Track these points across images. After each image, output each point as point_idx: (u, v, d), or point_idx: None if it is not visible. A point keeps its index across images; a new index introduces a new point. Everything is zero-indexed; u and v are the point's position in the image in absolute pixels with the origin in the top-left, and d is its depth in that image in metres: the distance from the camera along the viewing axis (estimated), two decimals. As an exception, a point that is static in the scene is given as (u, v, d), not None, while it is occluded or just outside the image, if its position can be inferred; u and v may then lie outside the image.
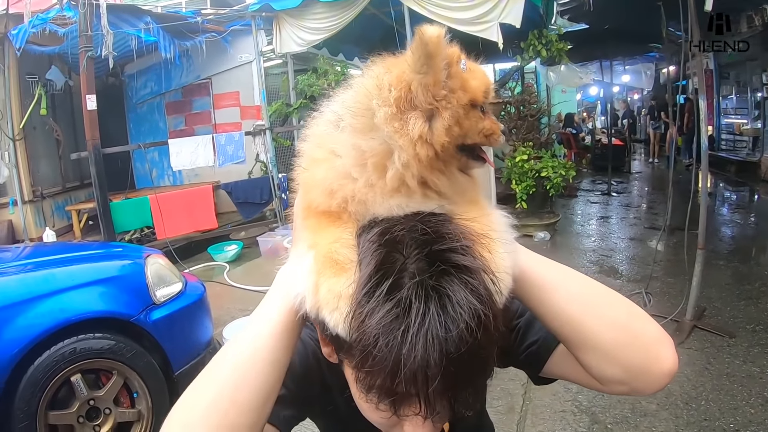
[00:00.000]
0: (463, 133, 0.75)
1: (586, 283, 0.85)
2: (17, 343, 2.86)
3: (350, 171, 0.77)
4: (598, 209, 9.63)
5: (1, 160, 8.80)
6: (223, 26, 9.06)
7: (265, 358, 0.75)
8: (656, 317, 4.42)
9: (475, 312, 0.66)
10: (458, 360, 0.65)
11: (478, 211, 0.81)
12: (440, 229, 0.73)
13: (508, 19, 6.23)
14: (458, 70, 0.74)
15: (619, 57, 12.67)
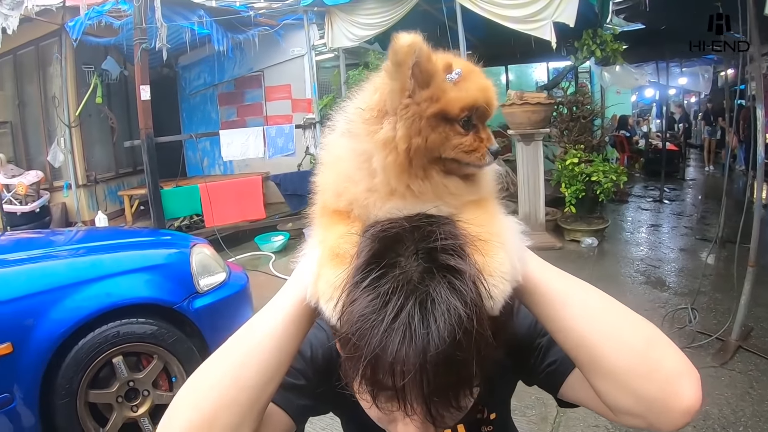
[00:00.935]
0: (431, 146, 0.74)
1: (604, 302, 0.80)
2: (63, 324, 2.95)
3: (352, 174, 0.80)
4: (648, 216, 9.32)
5: (57, 145, 9.15)
6: (276, 20, 9.18)
7: (272, 343, 0.79)
8: (700, 335, 4.36)
9: (456, 313, 0.66)
10: (435, 359, 0.65)
11: (485, 216, 0.80)
12: (435, 230, 0.74)
13: (561, 18, 6.09)
14: (439, 79, 0.73)
15: (675, 59, 12.29)
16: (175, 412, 0.76)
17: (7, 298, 2.86)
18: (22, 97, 10.06)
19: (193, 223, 8.78)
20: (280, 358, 0.79)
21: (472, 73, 0.77)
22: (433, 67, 0.73)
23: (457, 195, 0.79)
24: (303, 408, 0.98)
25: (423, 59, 0.71)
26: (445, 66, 0.74)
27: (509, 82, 13.63)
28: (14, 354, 2.76)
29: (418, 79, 0.72)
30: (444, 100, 0.73)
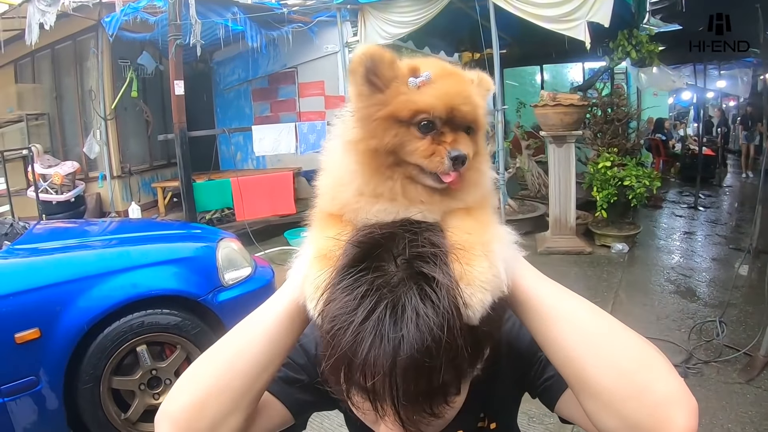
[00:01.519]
0: (389, 147, 0.76)
1: (597, 319, 0.77)
2: (90, 312, 3.03)
3: (343, 178, 0.83)
4: (682, 223, 9.11)
5: (93, 137, 9.36)
6: (309, 17, 9.23)
7: (265, 336, 0.82)
8: (728, 348, 4.24)
9: (425, 321, 0.67)
10: (403, 364, 0.66)
11: (472, 224, 0.79)
12: (415, 237, 0.75)
13: (596, 18, 5.98)
14: (397, 84, 0.76)
15: (714, 61, 11.99)
16: (174, 395, 0.80)
17: (37, 286, 2.95)
18: (59, 90, 10.34)
19: (225, 216, 8.93)
20: (273, 351, 0.82)
21: (444, 77, 0.77)
22: (394, 73, 0.75)
23: (428, 201, 0.79)
24: (303, 402, 1.00)
25: (382, 65, 0.75)
26: (409, 70, 0.76)
27: (544, 82, 13.51)
28: (42, 339, 2.84)
29: (376, 84, 0.75)
30: (394, 103, 0.75)
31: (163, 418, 0.79)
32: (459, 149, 0.75)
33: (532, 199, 9.06)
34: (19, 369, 2.82)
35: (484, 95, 0.84)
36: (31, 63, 10.47)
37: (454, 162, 0.75)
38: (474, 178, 0.82)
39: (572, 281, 6.05)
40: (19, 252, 3.29)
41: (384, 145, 0.76)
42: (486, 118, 0.83)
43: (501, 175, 7.47)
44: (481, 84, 0.84)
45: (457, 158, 0.75)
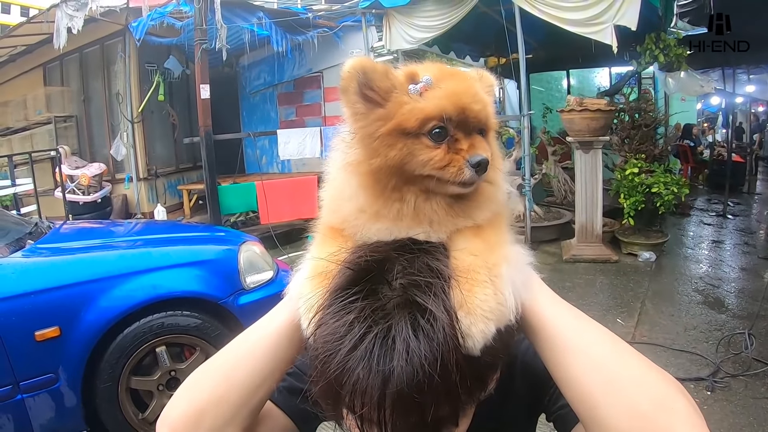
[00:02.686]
0: (394, 164, 0.71)
1: (616, 353, 0.70)
2: (110, 312, 3.05)
3: (343, 192, 0.79)
4: (710, 232, 8.93)
5: (120, 139, 9.52)
6: (335, 22, 9.28)
7: (263, 350, 0.80)
8: (756, 362, 4.11)
9: (417, 354, 0.63)
10: (392, 397, 0.63)
11: (479, 245, 0.73)
12: (413, 261, 0.71)
13: (623, 21, 5.90)
14: (397, 94, 0.71)
15: (742, 65, 11.79)
16: (174, 402, 0.80)
17: (58, 285, 2.98)
18: (87, 93, 10.55)
19: (249, 219, 9.00)
20: (271, 365, 0.80)
21: (445, 78, 0.73)
22: (390, 83, 0.71)
23: (438, 221, 0.75)
24: (308, 413, 0.96)
25: (376, 77, 0.70)
26: (408, 77, 0.72)
27: (570, 87, 13.40)
28: (62, 337, 2.86)
29: (373, 99, 0.71)
30: (398, 115, 0.70)
31: (162, 424, 0.79)
32: (479, 153, 0.71)
33: (558, 205, 8.97)
34: (39, 366, 2.84)
35: (488, 93, 0.79)
36: (59, 66, 10.71)
37: (477, 168, 0.71)
38: (487, 192, 0.78)
39: (598, 290, 6.00)
40: (42, 251, 3.33)
41: (389, 163, 0.71)
42: (495, 119, 0.79)
43: (527, 181, 7.42)
44: (482, 81, 0.80)
45: (479, 164, 0.70)
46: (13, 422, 2.83)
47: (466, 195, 0.75)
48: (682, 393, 0.68)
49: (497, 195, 0.79)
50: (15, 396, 2.79)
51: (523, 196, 7.67)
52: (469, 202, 0.76)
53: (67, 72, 10.73)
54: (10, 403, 2.79)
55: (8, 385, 2.78)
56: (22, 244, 3.31)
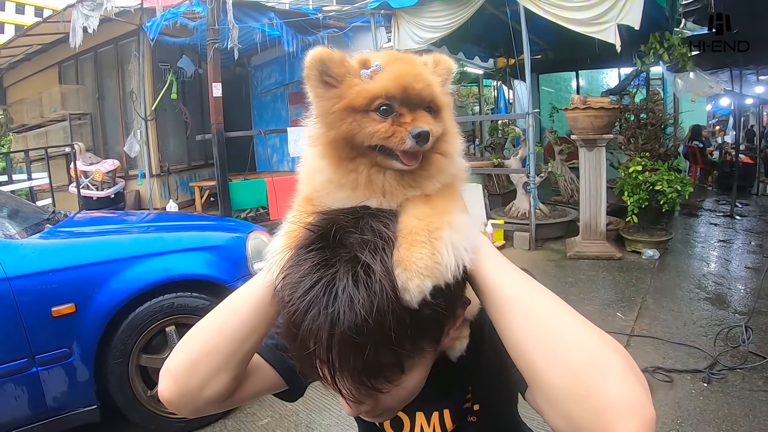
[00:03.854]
0: (346, 135, 0.80)
1: (555, 314, 0.74)
2: (123, 292, 3.18)
3: (313, 166, 0.89)
4: (717, 232, 8.88)
5: (134, 137, 9.67)
6: (344, 23, 9.36)
7: (249, 305, 0.89)
8: (753, 355, 4.18)
9: (357, 302, 0.71)
10: (337, 339, 0.72)
11: (426, 211, 0.81)
12: (360, 224, 0.79)
13: (626, 20, 5.96)
14: (350, 78, 0.80)
15: (750, 65, 11.73)
16: (174, 353, 0.91)
17: (75, 264, 3.10)
18: (101, 91, 10.74)
19: (259, 215, 9.14)
20: (257, 318, 0.89)
21: (392, 63, 0.81)
22: (345, 69, 0.80)
23: (390, 190, 0.82)
24: (294, 369, 1.05)
25: (333, 65, 0.80)
26: (360, 64, 0.81)
27: (579, 87, 13.43)
28: (76, 314, 2.99)
29: (330, 83, 0.80)
30: (348, 95, 0.79)
31: (164, 372, 0.90)
32: (420, 126, 0.78)
33: (564, 204, 9.00)
34: (54, 341, 2.97)
35: (443, 75, 0.88)
36: (74, 65, 10.92)
37: (417, 139, 0.77)
38: (438, 163, 0.84)
39: (600, 286, 6.06)
40: (59, 233, 3.46)
41: (341, 135, 0.80)
42: (447, 98, 0.86)
43: (531, 179, 7.48)
44: (439, 65, 0.88)
45: (419, 135, 0.77)
46: (27, 394, 2.94)
47: (420, 167, 0.82)
48: (617, 352, 0.70)
49: (449, 166, 0.86)
50: (30, 369, 2.91)
51: (528, 194, 7.74)
52: (420, 173, 0.82)
53: (82, 70, 10.94)
54: (26, 376, 2.91)
55: (24, 358, 2.90)
56: (41, 227, 3.45)
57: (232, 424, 3.61)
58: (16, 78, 12.10)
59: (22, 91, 11.96)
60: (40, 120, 11.00)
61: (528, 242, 7.51)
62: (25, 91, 11.74)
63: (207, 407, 0.91)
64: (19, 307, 2.84)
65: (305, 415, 3.68)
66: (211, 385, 0.88)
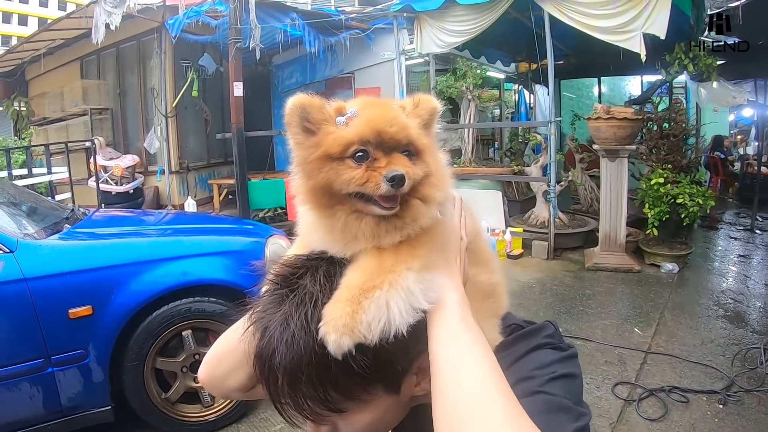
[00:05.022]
0: (323, 184, 0.79)
1: (475, 407, 0.70)
2: (140, 295, 3.19)
3: (301, 208, 0.91)
4: (737, 246, 8.76)
5: (154, 133, 9.72)
6: (367, 24, 9.38)
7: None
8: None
9: (293, 341, 0.77)
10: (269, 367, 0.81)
11: (372, 264, 0.80)
12: (317, 274, 0.83)
13: (652, 29, 5.90)
14: (326, 125, 0.80)
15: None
16: (212, 346, 1.04)
17: (93, 267, 3.13)
18: (122, 87, 10.82)
19: (277, 215, 9.13)
20: None
21: (368, 108, 0.81)
22: (322, 116, 0.80)
23: (363, 237, 0.81)
24: None
25: (312, 111, 0.80)
26: (336, 111, 0.81)
27: (601, 94, 13.33)
28: (93, 316, 3.01)
29: (310, 129, 0.80)
30: (325, 143, 0.78)
31: (204, 360, 1.03)
32: (395, 169, 0.76)
33: (584, 213, 8.93)
34: (70, 342, 2.99)
35: (423, 116, 0.85)
36: (96, 60, 11.02)
37: (392, 183, 0.75)
38: (413, 211, 0.81)
39: (618, 299, 6.00)
40: (78, 234, 3.48)
41: (319, 183, 0.79)
42: (428, 139, 0.84)
43: (552, 188, 7.42)
44: (419, 105, 0.86)
45: (393, 178, 0.75)
46: (43, 394, 2.97)
47: (396, 214, 0.80)
48: None
49: (425, 213, 0.82)
50: (46, 369, 2.94)
51: (548, 203, 7.68)
52: (395, 221, 0.80)
53: (104, 66, 11.02)
54: (41, 375, 2.93)
55: (40, 358, 2.92)
56: (60, 227, 3.46)
57: (245, 428, 3.61)
58: (38, 71, 12.21)
59: (43, 84, 12.08)
60: (61, 114, 11.12)
61: (546, 252, 7.45)
62: (47, 84, 11.87)
63: (232, 394, 1.03)
64: (37, 308, 2.86)
65: (319, 423, 3.65)
66: (233, 378, 0.98)
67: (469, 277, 0.91)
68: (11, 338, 2.89)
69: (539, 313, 5.52)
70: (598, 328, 5.13)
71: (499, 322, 0.97)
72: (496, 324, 0.95)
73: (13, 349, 2.89)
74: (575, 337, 4.87)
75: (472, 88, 9.08)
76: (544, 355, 0.88)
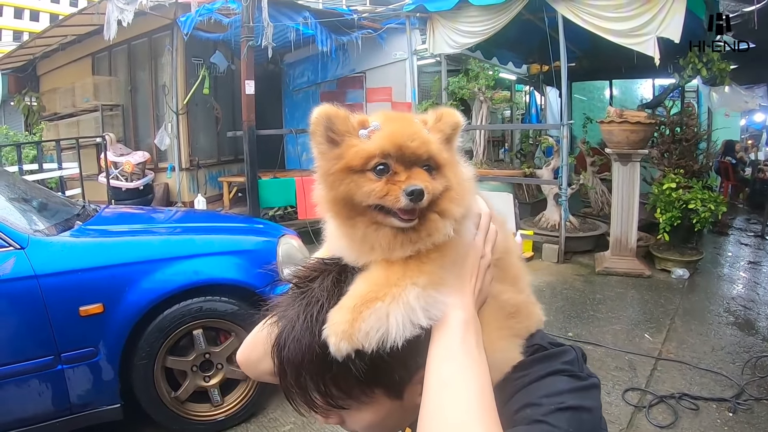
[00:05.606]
0: (344, 196, 0.81)
1: (458, 427, 0.73)
2: (152, 293, 3.19)
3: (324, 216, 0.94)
4: (747, 252, 8.72)
5: (165, 130, 9.74)
6: (379, 24, 9.36)
7: None
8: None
9: (290, 339, 0.84)
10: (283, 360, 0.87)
11: (379, 277, 0.82)
12: (328, 279, 0.87)
13: (666, 33, 5.87)
14: (349, 137, 0.81)
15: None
16: (250, 333, 1.10)
17: (104, 265, 3.12)
18: (134, 84, 10.86)
19: (287, 213, 9.15)
20: None
21: (390, 122, 0.82)
22: (346, 128, 0.81)
23: (379, 248, 0.82)
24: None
25: (337, 123, 0.81)
26: (359, 124, 0.82)
27: (613, 97, 13.27)
28: (104, 314, 3.00)
29: (332, 140, 0.81)
30: (347, 155, 0.80)
31: (243, 342, 1.10)
32: (414, 183, 0.77)
33: (594, 217, 8.89)
34: (80, 340, 2.98)
35: (445, 130, 0.86)
36: (108, 57, 11.04)
37: (411, 197, 0.76)
38: (430, 226, 0.82)
39: (628, 304, 5.98)
40: (89, 232, 3.46)
41: (341, 195, 0.81)
42: (449, 154, 0.85)
43: (564, 191, 7.39)
44: (441, 119, 0.86)
45: (412, 192, 0.76)
46: (52, 391, 2.97)
47: (413, 227, 0.81)
48: None
49: (442, 228, 0.82)
50: (56, 366, 2.93)
51: (559, 206, 7.64)
52: (412, 234, 0.81)
53: (115, 62, 11.05)
54: (51, 373, 2.93)
55: (50, 356, 2.91)
56: (71, 224, 3.44)
57: (254, 428, 3.61)
58: (50, 67, 12.27)
59: (55, 80, 12.13)
60: (72, 109, 11.15)
61: (557, 255, 7.42)
62: (58, 80, 11.91)
63: (264, 377, 1.07)
64: (47, 305, 2.86)
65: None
66: (264, 363, 0.98)
67: (493, 295, 0.92)
68: (22, 335, 2.89)
69: (549, 317, 5.46)
70: (608, 333, 5.10)
71: (521, 342, 0.95)
72: (517, 344, 0.94)
73: (23, 346, 2.89)
74: (585, 342, 4.85)
75: (485, 90, 9.04)
76: (557, 382, 0.86)
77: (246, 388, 3.59)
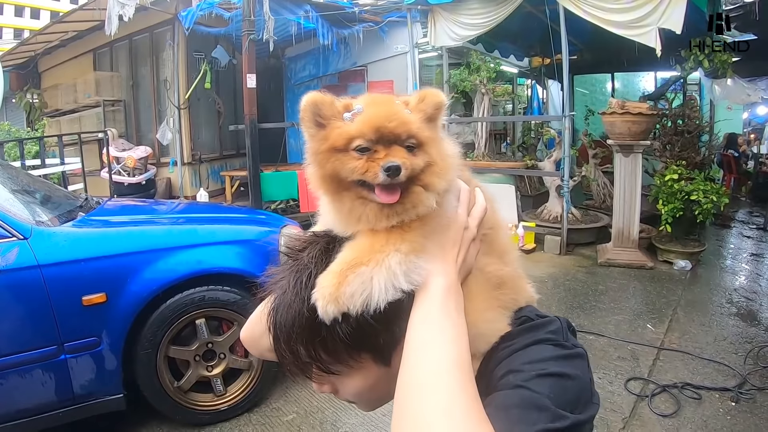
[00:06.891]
0: (331, 173, 0.88)
1: (422, 393, 0.76)
2: (154, 283, 3.19)
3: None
4: (749, 245, 8.69)
5: (167, 125, 9.76)
6: (380, 17, 9.35)
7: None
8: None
9: (283, 303, 0.88)
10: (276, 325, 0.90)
11: (364, 245, 0.87)
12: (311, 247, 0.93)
13: (667, 24, 5.85)
14: (334, 120, 0.87)
15: (790, 73, 11.27)
16: (255, 310, 1.09)
17: (107, 254, 3.13)
18: (135, 79, 10.88)
19: (289, 207, 9.14)
20: None
21: (372, 105, 0.88)
22: (331, 112, 0.88)
23: (366, 220, 0.88)
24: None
25: (323, 108, 0.87)
26: (344, 107, 0.88)
27: (615, 90, 13.23)
28: (107, 304, 3.01)
29: (321, 123, 0.88)
30: (332, 137, 0.86)
31: (248, 318, 1.11)
32: (392, 160, 0.82)
33: (597, 209, 8.88)
34: (83, 329, 2.99)
35: (427, 110, 0.90)
36: (109, 52, 11.08)
37: (388, 172, 0.82)
38: (413, 197, 0.87)
39: (630, 295, 5.99)
40: (92, 222, 3.48)
41: (327, 172, 0.87)
42: (431, 132, 0.90)
43: (565, 183, 7.38)
44: (424, 100, 0.90)
45: (389, 168, 0.82)
46: (55, 381, 2.98)
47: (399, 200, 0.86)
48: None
49: (425, 200, 0.87)
50: (59, 356, 2.94)
51: (561, 198, 7.64)
52: (396, 206, 0.86)
53: (117, 58, 11.08)
54: (54, 362, 2.94)
55: (53, 345, 2.92)
56: (74, 215, 3.45)
57: (257, 418, 3.61)
58: (51, 63, 12.30)
59: (56, 76, 12.16)
60: (74, 105, 11.20)
61: (559, 247, 7.42)
62: (60, 76, 11.94)
63: (266, 354, 1.05)
64: (50, 295, 2.87)
65: (331, 413, 3.67)
66: (265, 339, 0.98)
67: (479, 267, 0.96)
68: (25, 325, 2.90)
69: (551, 308, 5.49)
70: (610, 324, 5.10)
71: (509, 313, 0.98)
72: (505, 315, 0.97)
73: (26, 335, 2.90)
74: (588, 332, 4.85)
75: (486, 82, 9.03)
76: (541, 350, 0.88)
77: (249, 378, 3.60)
